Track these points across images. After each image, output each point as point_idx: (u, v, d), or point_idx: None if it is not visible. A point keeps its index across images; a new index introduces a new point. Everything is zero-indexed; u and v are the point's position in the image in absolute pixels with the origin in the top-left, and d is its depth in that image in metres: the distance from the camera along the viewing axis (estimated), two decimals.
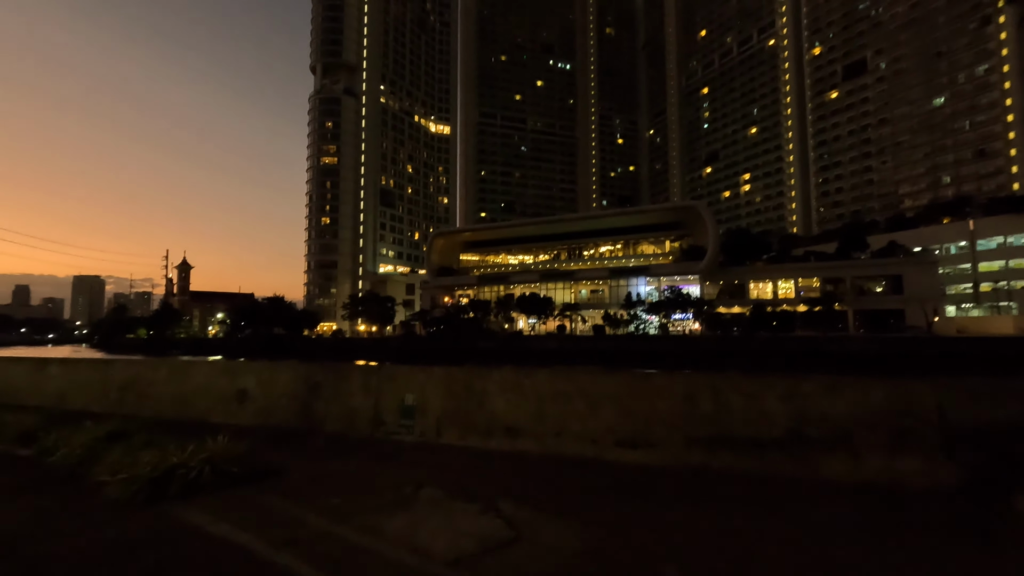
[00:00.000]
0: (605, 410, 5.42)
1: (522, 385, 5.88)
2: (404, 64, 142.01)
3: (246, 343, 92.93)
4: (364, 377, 6.80)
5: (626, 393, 5.41)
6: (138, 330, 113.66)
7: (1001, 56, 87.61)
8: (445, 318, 78.80)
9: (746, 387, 4.94)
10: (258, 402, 7.34)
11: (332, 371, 7.10)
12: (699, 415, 5.03)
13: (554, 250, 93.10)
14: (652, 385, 5.35)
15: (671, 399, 5.20)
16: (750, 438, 4.75)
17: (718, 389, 5.03)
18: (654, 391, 5.30)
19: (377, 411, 6.51)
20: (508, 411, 5.85)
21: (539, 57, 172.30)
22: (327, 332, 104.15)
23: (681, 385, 5.23)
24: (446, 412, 6.16)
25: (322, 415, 6.84)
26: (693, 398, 5.11)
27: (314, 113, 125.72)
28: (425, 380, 6.41)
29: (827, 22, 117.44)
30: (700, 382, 5.17)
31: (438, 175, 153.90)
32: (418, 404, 6.30)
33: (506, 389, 5.94)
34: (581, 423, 5.49)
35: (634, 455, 5.14)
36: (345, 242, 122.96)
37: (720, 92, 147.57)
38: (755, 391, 4.88)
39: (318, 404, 6.91)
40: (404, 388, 6.45)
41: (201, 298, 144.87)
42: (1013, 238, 72.50)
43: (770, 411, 4.75)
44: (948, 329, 59.27)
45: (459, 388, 6.20)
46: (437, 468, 5.18)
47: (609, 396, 5.46)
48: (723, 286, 73.43)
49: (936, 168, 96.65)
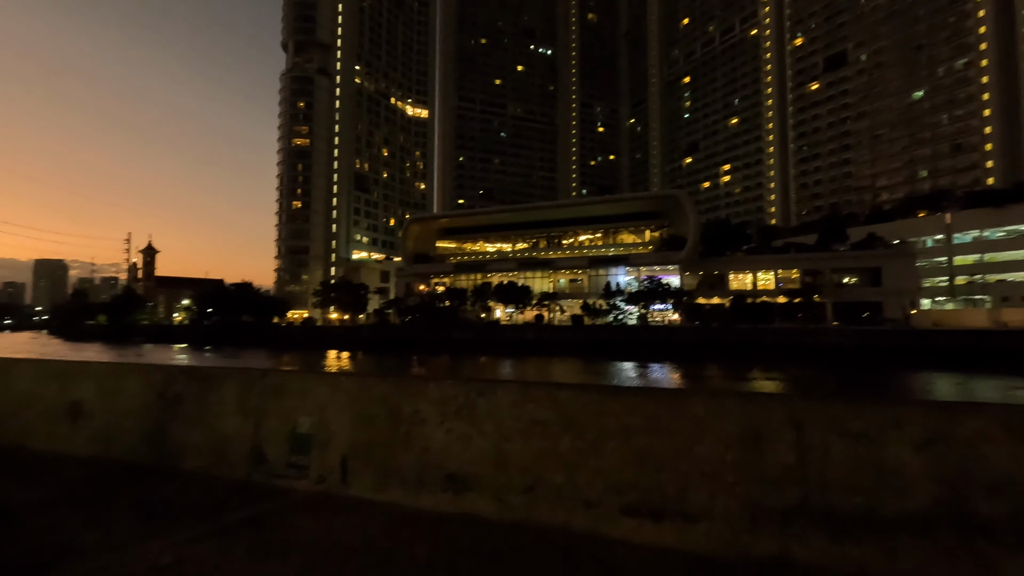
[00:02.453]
0: (608, 453, 3.36)
1: (474, 408, 3.78)
2: (380, 44, 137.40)
3: (212, 331, 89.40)
4: (242, 389, 4.58)
5: (643, 425, 3.32)
6: (98, 316, 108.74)
7: (980, 51, 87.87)
8: (420, 307, 76.42)
9: (852, 421, 2.93)
10: (96, 420, 5.05)
11: (197, 378, 4.83)
12: (770, 468, 2.98)
13: (533, 238, 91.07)
14: (688, 413, 3.26)
15: (720, 438, 3.14)
16: (862, 512, 2.76)
17: (803, 424, 3.01)
18: (692, 424, 3.22)
19: (257, 441, 4.33)
20: (451, 449, 3.75)
21: (520, 41, 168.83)
22: (298, 320, 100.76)
23: (737, 415, 3.16)
24: (357, 446, 4.02)
25: (180, 444, 4.61)
26: (759, 438, 3.05)
27: (285, 93, 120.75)
28: (328, 396, 4.23)
29: (809, 13, 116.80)
30: (770, 411, 3.13)
31: (415, 160, 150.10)
32: (317, 432, 4.15)
33: (449, 413, 3.82)
34: (567, 473, 3.42)
35: (656, 532, 3.10)
36: (317, 227, 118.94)
37: (702, 82, 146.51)
38: (869, 429, 2.88)
39: (176, 427, 4.68)
40: (298, 407, 4.29)
41: (167, 284, 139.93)
42: (988, 232, 72.89)
43: (897, 464, 2.77)
44: (924, 322, 59.13)
45: (377, 409, 4.04)
46: (334, 553, 3.11)
47: (615, 430, 3.40)
48: (703, 277, 72.41)
49: (913, 162, 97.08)
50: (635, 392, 3.54)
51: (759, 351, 49.77)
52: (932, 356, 43.38)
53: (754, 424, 3.12)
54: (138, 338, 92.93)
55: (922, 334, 48.66)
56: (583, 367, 43.57)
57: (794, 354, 48.30)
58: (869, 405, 3.00)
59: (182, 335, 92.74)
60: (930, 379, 35.58)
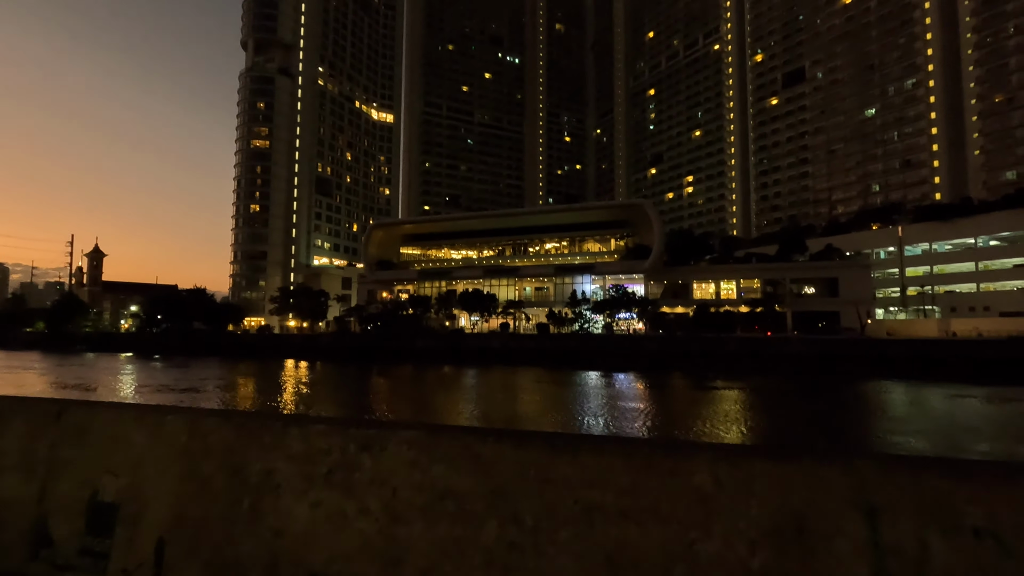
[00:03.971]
0: (558, 549, 1.92)
1: (354, 468, 2.51)
2: (345, 46, 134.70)
3: (161, 339, 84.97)
4: (29, 431, 3.21)
5: (615, 504, 1.91)
6: (36, 323, 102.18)
7: (927, 71, 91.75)
8: (382, 314, 74.33)
9: (967, 505, 1.67)
10: None
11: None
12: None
13: (499, 246, 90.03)
14: (687, 486, 1.96)
15: (741, 529, 1.86)
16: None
17: (880, 508, 1.73)
18: (694, 503, 1.93)
19: (42, 513, 2.96)
20: (318, 534, 2.41)
21: (487, 49, 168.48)
22: (254, 328, 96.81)
23: (769, 489, 1.88)
24: (182, 524, 2.66)
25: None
26: (804, 532, 1.75)
27: (244, 92, 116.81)
28: (146, 444, 2.90)
29: (769, 30, 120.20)
30: (823, 482, 1.82)
31: (379, 165, 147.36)
32: (126, 502, 2.82)
33: (316, 477, 2.48)
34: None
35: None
36: (276, 231, 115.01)
37: (666, 94, 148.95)
38: (998, 522, 1.62)
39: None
40: (103, 461, 2.96)
41: (115, 289, 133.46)
42: (937, 245, 75.70)
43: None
44: (879, 331, 60.60)
45: (214, 466, 2.72)
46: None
47: (570, 510, 2.06)
48: (667, 286, 72.75)
49: (867, 176, 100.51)
50: (602, 446, 2.16)
51: (722, 359, 49.91)
52: (887, 364, 44.33)
53: (796, 506, 1.83)
54: (80, 346, 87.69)
55: (877, 343, 49.69)
56: (548, 376, 42.64)
57: (757, 362, 48.61)
58: (989, 472, 1.74)
59: (129, 343, 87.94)
60: (886, 387, 36.06)
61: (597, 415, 24.92)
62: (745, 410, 27.53)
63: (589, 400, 30.33)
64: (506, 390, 36.09)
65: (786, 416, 26.71)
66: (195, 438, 2.76)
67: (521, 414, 25.78)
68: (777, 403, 31.12)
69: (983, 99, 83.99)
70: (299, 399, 31.23)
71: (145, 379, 41.75)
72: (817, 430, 22.66)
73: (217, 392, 33.15)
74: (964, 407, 28.76)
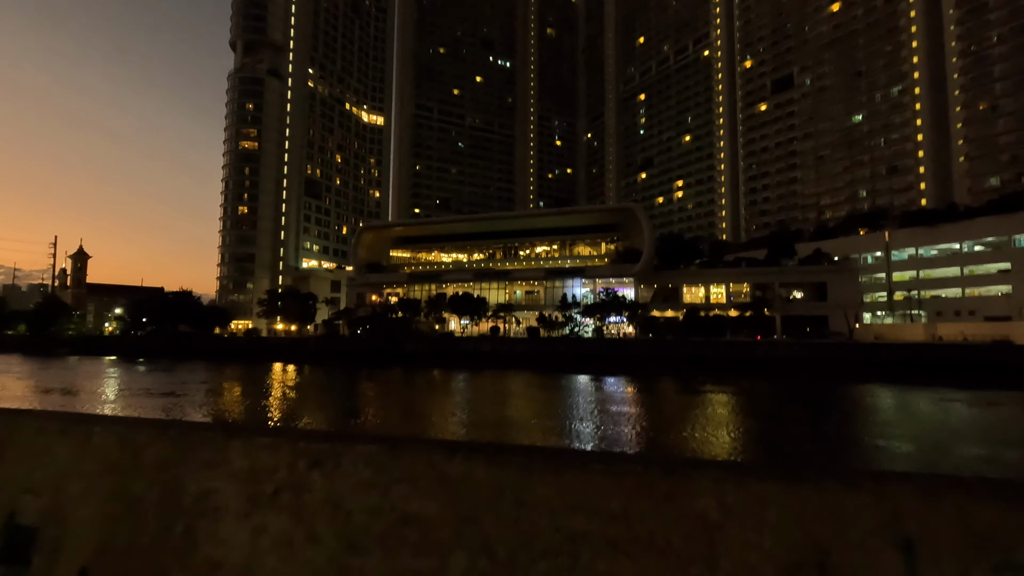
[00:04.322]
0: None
1: (303, 488, 2.13)
2: (336, 48, 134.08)
3: (146, 342, 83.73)
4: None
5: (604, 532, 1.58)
6: (18, 326, 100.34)
7: (913, 78, 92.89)
8: (372, 317, 73.70)
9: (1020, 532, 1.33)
10: None
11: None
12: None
13: (489, 249, 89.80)
14: (689, 511, 1.58)
15: (752, 564, 1.46)
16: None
17: (917, 540, 1.39)
18: (698, 532, 1.54)
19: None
20: (261, 564, 2.09)
21: (479, 52, 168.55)
22: (241, 331, 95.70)
23: (784, 515, 1.49)
24: (107, 550, 2.34)
25: None
26: (827, 569, 1.40)
27: (233, 93, 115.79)
28: (71, 459, 2.54)
29: (758, 37, 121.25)
30: (849, 509, 1.45)
31: (370, 167, 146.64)
32: (46, 525, 2.46)
33: (260, 498, 2.12)
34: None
35: None
36: (264, 234, 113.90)
37: (656, 99, 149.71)
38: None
39: None
40: (22, 478, 2.60)
41: (99, 291, 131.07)
42: (923, 250, 76.42)
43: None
44: (867, 336, 61.00)
45: (145, 485, 2.36)
46: None
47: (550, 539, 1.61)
48: (657, 289, 72.82)
49: (854, 182, 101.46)
50: (589, 465, 1.78)
51: (712, 363, 49.95)
52: (875, 368, 44.64)
53: (817, 537, 1.48)
54: (62, 349, 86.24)
55: (865, 347, 49.96)
56: (538, 381, 42.37)
57: (746, 366, 48.71)
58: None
59: (113, 346, 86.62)
60: (873, 391, 36.19)
61: (585, 420, 24.68)
62: (734, 414, 27.43)
63: (578, 405, 30.09)
64: (495, 394, 35.78)
65: (775, 419, 26.64)
66: (126, 452, 2.37)
67: (508, 419, 25.47)
68: (766, 407, 31.08)
69: (968, 107, 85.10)
70: (282, 404, 30.71)
71: (127, 383, 40.95)
72: (806, 433, 22.57)
73: (199, 396, 32.52)
74: (950, 411, 28.87)
